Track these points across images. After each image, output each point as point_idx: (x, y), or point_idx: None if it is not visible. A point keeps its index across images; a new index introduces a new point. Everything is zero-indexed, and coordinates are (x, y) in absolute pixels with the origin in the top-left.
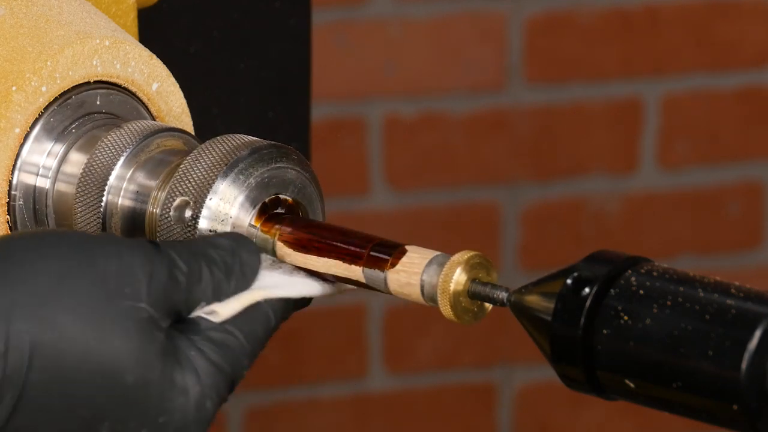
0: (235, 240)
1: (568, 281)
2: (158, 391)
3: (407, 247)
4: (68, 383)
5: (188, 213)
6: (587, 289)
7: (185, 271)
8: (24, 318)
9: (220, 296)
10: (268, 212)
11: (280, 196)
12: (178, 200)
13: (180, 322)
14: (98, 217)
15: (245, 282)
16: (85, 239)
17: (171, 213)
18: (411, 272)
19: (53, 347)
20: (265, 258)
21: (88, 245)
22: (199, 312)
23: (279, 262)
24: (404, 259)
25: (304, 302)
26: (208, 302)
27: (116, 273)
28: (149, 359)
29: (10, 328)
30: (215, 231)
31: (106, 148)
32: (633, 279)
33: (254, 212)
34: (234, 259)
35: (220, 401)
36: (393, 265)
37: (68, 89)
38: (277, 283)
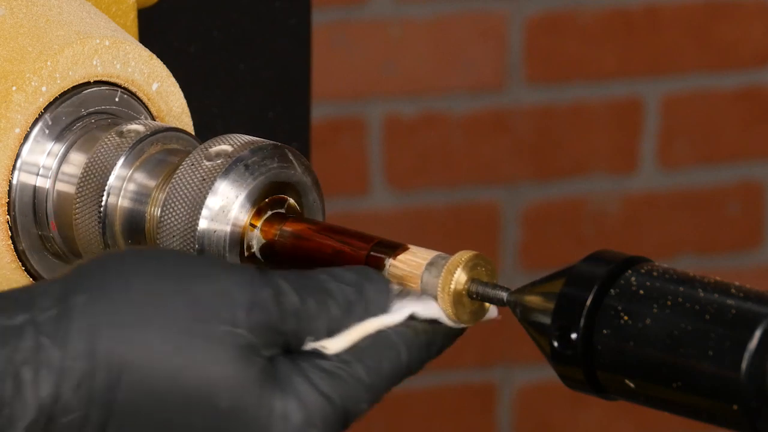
0: (361, 274)
1: (568, 281)
2: (255, 416)
3: (407, 246)
4: (158, 405)
5: (220, 160)
6: (587, 289)
7: (294, 302)
8: (112, 337)
9: (334, 334)
10: (268, 212)
11: (280, 196)
12: (219, 146)
13: (289, 355)
14: (98, 218)
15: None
16: (183, 260)
17: (208, 151)
18: (411, 272)
19: (142, 367)
20: (397, 289)
21: (185, 266)
22: (309, 346)
23: (407, 291)
24: (404, 259)
25: (447, 338)
26: (320, 339)
27: (212, 295)
28: (245, 384)
29: (97, 347)
30: (214, 230)
31: (106, 148)
32: (633, 279)
33: (254, 212)
34: (358, 295)
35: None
36: (393, 265)
37: (68, 89)
38: (397, 307)
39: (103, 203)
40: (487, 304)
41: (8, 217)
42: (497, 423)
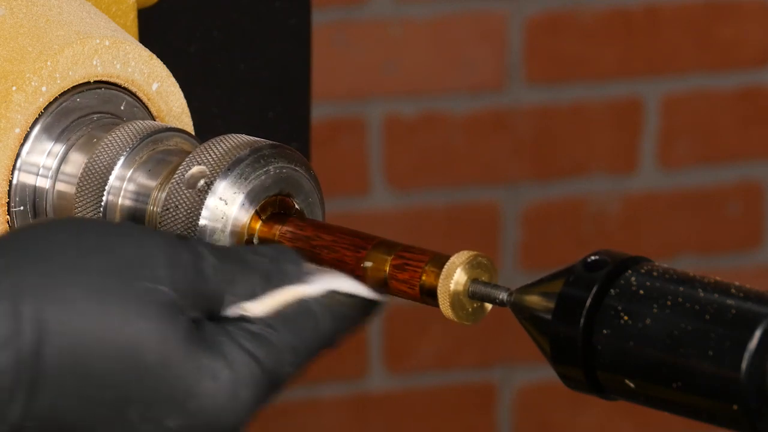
0: (278, 250)
1: (569, 281)
2: (183, 373)
3: (407, 246)
4: (86, 363)
5: (201, 182)
6: (587, 289)
7: (214, 266)
8: (34, 297)
9: (254, 300)
10: (267, 212)
11: (280, 196)
12: (195, 168)
13: (213, 318)
14: (98, 218)
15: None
16: (104, 224)
17: (185, 177)
18: (411, 272)
19: (66, 325)
20: (313, 268)
21: (106, 229)
22: (230, 311)
23: (323, 269)
24: (404, 260)
25: (364, 310)
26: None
27: (134, 254)
28: (170, 340)
29: (21, 309)
30: (214, 230)
31: (106, 148)
32: (633, 279)
33: (254, 212)
34: (275, 266)
35: (259, 395)
36: (393, 265)
37: (68, 89)
38: (317, 281)
39: (103, 203)
40: (487, 304)
41: (8, 217)
42: (497, 423)
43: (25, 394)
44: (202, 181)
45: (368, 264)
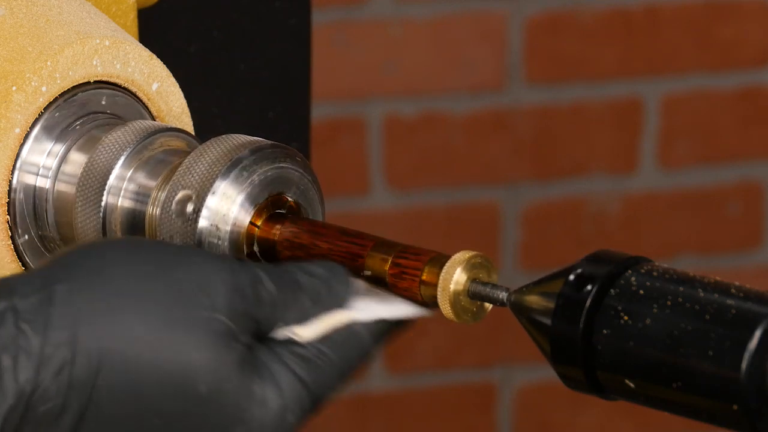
0: (329, 270)
1: (568, 281)
2: (234, 401)
3: (407, 246)
4: (138, 391)
5: (190, 207)
6: (587, 289)
7: (271, 291)
8: (92, 324)
9: (304, 323)
10: (268, 212)
11: (280, 196)
12: (180, 194)
13: (262, 341)
14: (98, 217)
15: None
16: (163, 247)
17: (172, 206)
18: (411, 272)
19: (123, 354)
20: (361, 284)
21: (166, 254)
22: (280, 333)
23: (372, 290)
24: (404, 260)
25: (400, 326)
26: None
27: (194, 282)
28: (225, 369)
29: (78, 335)
30: (216, 228)
31: (106, 148)
32: (633, 279)
33: (254, 212)
34: (326, 289)
35: (303, 418)
36: (393, 265)
37: (68, 89)
38: (366, 306)
39: (103, 203)
40: (487, 304)
41: (8, 217)
42: (497, 423)
43: (72, 420)
44: (190, 206)
45: (367, 268)
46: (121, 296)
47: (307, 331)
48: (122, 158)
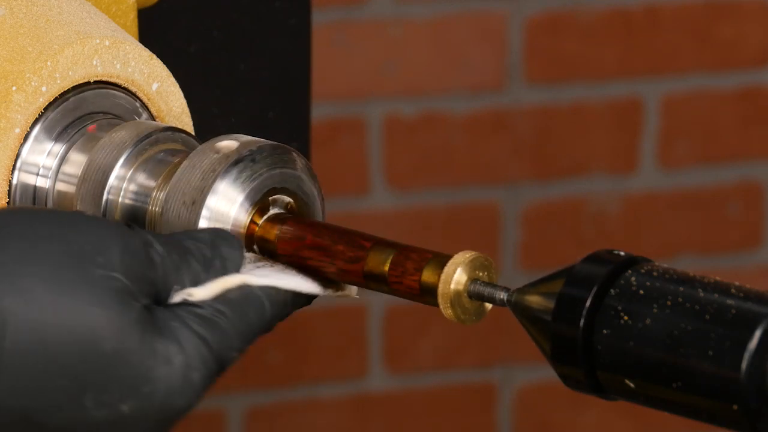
0: (215, 234)
1: (569, 281)
2: (139, 359)
3: (407, 246)
4: (44, 351)
5: (194, 200)
6: (587, 289)
7: (162, 254)
8: None
9: (199, 286)
10: (267, 212)
11: (280, 196)
12: (184, 196)
13: (160, 304)
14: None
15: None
16: (57, 213)
17: (177, 197)
18: (411, 272)
19: (25, 314)
20: (252, 255)
21: (60, 218)
22: (176, 297)
23: (269, 260)
24: (404, 259)
25: (302, 299)
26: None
27: (88, 243)
28: (126, 327)
29: None
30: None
31: (106, 148)
32: (633, 279)
33: (254, 212)
34: (213, 251)
35: (209, 377)
36: (393, 265)
37: (68, 89)
38: (265, 275)
39: (103, 203)
40: (487, 304)
41: None
42: (497, 423)
43: None
44: (195, 198)
45: (368, 268)
46: (18, 259)
47: (201, 292)
48: (122, 158)
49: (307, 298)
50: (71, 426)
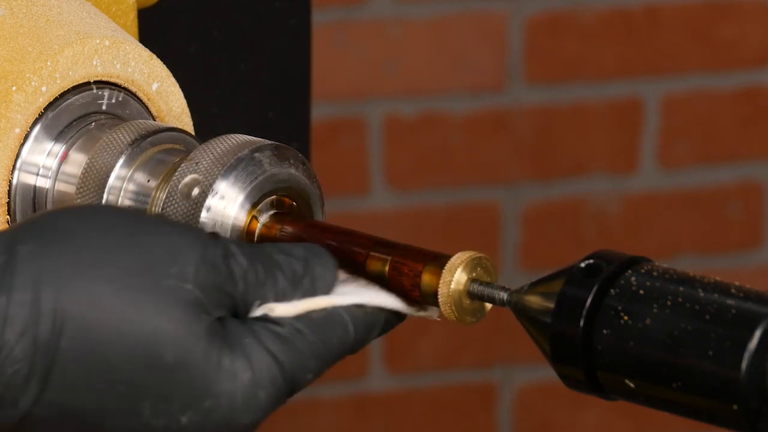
0: (309, 251)
1: (569, 281)
2: (201, 372)
3: (407, 246)
4: (101, 355)
5: (196, 191)
6: (587, 289)
7: (243, 267)
8: (56, 285)
9: (282, 302)
10: (268, 212)
11: (281, 196)
12: (188, 177)
13: (239, 318)
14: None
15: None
16: (135, 216)
17: (179, 188)
18: (411, 272)
19: (86, 316)
20: (343, 275)
21: (137, 222)
22: (257, 311)
23: (355, 277)
24: (404, 259)
25: (389, 325)
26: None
27: (163, 250)
28: (191, 339)
29: (42, 295)
30: (216, 228)
31: (106, 148)
32: (633, 279)
33: (255, 212)
34: (305, 269)
35: (277, 397)
36: (393, 265)
37: (68, 89)
38: (350, 292)
39: (103, 203)
40: (487, 304)
41: (8, 217)
42: (497, 423)
43: (38, 383)
44: (196, 190)
45: (367, 268)
46: (87, 258)
47: (284, 309)
48: (122, 158)
49: (393, 323)
50: (128, 431)
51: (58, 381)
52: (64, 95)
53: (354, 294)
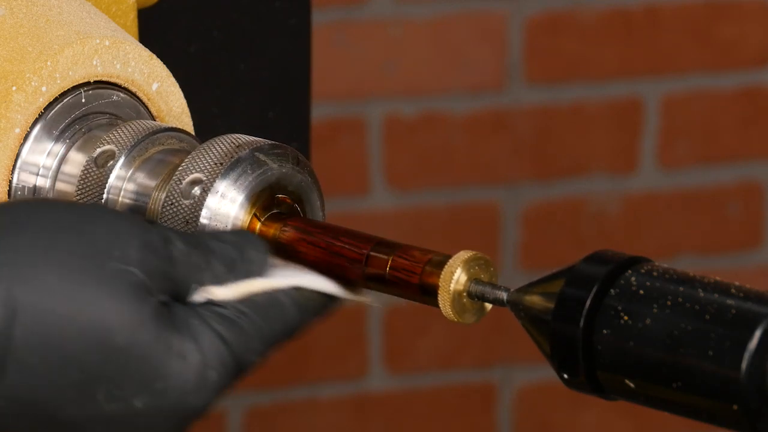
0: (242, 236)
1: (568, 281)
2: (152, 354)
3: (407, 246)
4: (54, 342)
5: (196, 191)
6: (587, 289)
7: (182, 251)
8: (5, 277)
9: (221, 286)
10: (267, 212)
11: (280, 196)
12: (188, 177)
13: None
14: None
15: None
16: (76, 205)
17: (179, 188)
18: (411, 272)
19: (37, 304)
20: (275, 259)
21: (79, 210)
22: (198, 296)
23: (290, 263)
24: (404, 260)
25: (326, 307)
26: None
27: (106, 236)
28: (140, 321)
29: None
30: (215, 228)
31: (109, 145)
32: (633, 279)
33: (254, 212)
34: (239, 254)
35: (226, 378)
36: (393, 265)
37: (68, 89)
38: (290, 275)
39: (103, 203)
40: (487, 304)
41: None
42: (497, 423)
43: None
44: (196, 189)
45: (368, 268)
46: (35, 249)
47: (224, 293)
48: (122, 158)
49: (330, 306)
50: (83, 419)
51: (13, 371)
52: (64, 95)
53: (290, 277)
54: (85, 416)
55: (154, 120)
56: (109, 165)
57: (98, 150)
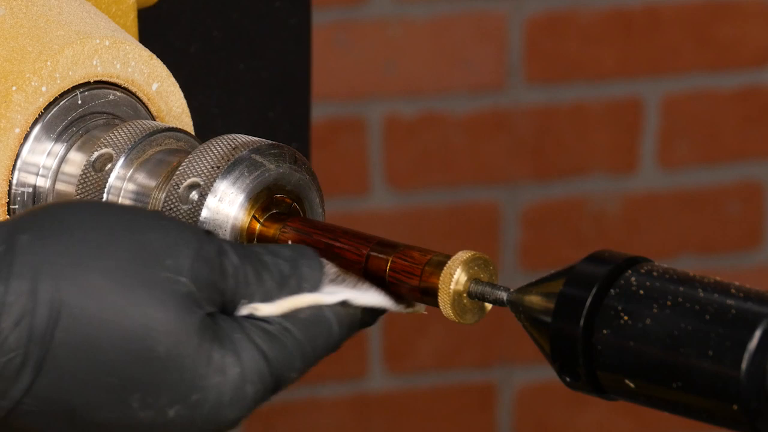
0: (297, 251)
1: (568, 281)
2: (191, 365)
3: (407, 246)
4: (95, 345)
5: (196, 191)
6: (587, 289)
7: (236, 264)
8: (53, 274)
9: (269, 301)
10: (267, 212)
11: (279, 195)
12: (188, 178)
13: (227, 315)
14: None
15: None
16: (134, 210)
17: (179, 188)
18: (411, 272)
19: (82, 307)
20: (329, 270)
21: (135, 215)
22: (243, 310)
23: (344, 275)
24: (403, 260)
25: (369, 320)
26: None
27: (159, 244)
28: (183, 332)
29: (39, 284)
30: (215, 228)
31: (106, 148)
32: (633, 279)
33: (254, 212)
34: (292, 270)
35: (263, 393)
36: (393, 265)
37: (68, 89)
38: (335, 290)
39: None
40: (487, 304)
41: (8, 217)
42: (497, 423)
43: (30, 373)
44: (196, 190)
45: (368, 268)
46: (85, 250)
47: (271, 308)
48: (122, 158)
49: (374, 320)
50: (114, 424)
51: (50, 372)
52: (64, 95)
53: (339, 292)
54: (117, 421)
55: (153, 118)
56: (107, 168)
57: (95, 153)
